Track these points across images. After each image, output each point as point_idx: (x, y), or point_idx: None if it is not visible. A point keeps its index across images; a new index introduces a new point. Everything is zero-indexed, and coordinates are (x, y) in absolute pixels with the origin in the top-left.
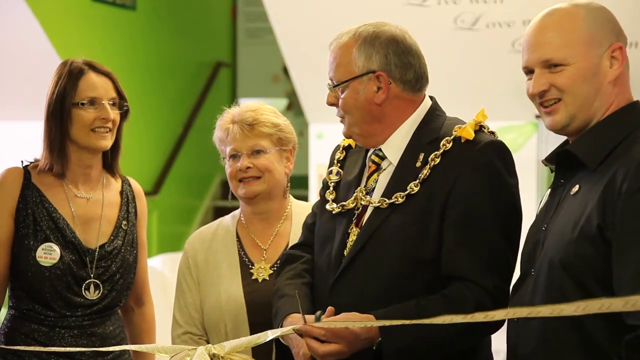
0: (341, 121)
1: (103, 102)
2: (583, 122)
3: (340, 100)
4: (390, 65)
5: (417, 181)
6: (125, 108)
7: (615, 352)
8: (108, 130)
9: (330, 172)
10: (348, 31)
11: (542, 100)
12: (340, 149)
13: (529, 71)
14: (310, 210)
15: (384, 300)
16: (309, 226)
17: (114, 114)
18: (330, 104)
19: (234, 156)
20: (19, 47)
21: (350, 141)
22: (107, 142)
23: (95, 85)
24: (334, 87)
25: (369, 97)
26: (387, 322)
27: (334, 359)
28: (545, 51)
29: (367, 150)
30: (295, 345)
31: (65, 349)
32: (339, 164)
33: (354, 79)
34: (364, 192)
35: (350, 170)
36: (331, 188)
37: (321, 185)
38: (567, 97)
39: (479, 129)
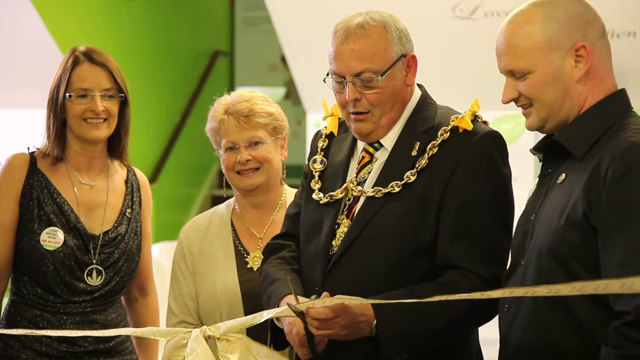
0: (357, 117)
1: (93, 94)
2: (557, 123)
3: (373, 92)
4: (410, 47)
5: (414, 170)
6: (121, 98)
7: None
8: (102, 120)
9: (315, 161)
10: (355, 18)
11: (517, 105)
12: (323, 136)
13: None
14: None
15: (379, 290)
16: (292, 216)
17: (108, 104)
18: (354, 100)
19: (231, 148)
20: (17, 35)
21: (333, 128)
22: (100, 133)
23: (86, 77)
24: (382, 76)
25: (402, 82)
26: (382, 301)
27: (331, 332)
28: (506, 62)
29: (354, 138)
30: (288, 324)
31: (60, 332)
32: (322, 152)
33: (394, 65)
34: (355, 182)
35: (335, 158)
36: (316, 177)
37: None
38: (535, 103)
39: (474, 118)
